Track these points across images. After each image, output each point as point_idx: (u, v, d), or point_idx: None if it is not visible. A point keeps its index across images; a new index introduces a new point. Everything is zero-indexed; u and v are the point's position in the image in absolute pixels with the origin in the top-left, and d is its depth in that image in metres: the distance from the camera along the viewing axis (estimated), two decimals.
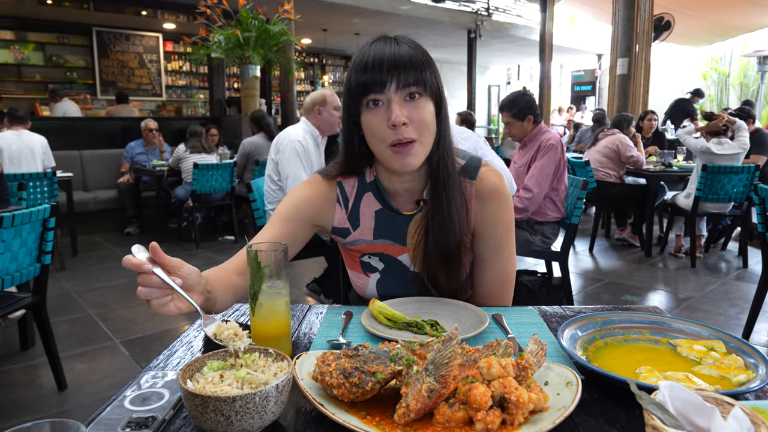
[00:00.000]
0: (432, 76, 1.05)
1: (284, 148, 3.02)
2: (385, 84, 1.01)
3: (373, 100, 1.04)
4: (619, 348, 0.92)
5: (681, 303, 3.71)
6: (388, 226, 1.20)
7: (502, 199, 1.18)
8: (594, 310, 1.09)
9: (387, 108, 1.03)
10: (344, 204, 1.22)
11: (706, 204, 4.45)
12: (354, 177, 1.22)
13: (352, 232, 1.22)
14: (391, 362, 0.73)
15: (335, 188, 1.22)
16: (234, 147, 6.34)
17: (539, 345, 0.79)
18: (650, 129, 6.03)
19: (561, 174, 3.15)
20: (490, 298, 1.22)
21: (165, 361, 0.91)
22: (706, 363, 0.85)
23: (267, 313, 0.89)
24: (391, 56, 1.02)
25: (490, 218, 1.18)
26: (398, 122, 1.01)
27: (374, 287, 1.25)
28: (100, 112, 9.29)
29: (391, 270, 1.23)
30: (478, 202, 1.18)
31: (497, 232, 1.19)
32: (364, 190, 1.21)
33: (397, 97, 1.02)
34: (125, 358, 2.88)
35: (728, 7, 9.71)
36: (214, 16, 6.22)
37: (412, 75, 1.02)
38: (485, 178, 1.18)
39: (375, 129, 1.05)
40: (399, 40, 1.06)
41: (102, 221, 6.06)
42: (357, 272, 1.28)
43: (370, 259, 1.24)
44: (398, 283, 1.23)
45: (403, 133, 1.02)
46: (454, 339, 0.71)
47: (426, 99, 1.05)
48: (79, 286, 4.09)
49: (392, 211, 1.19)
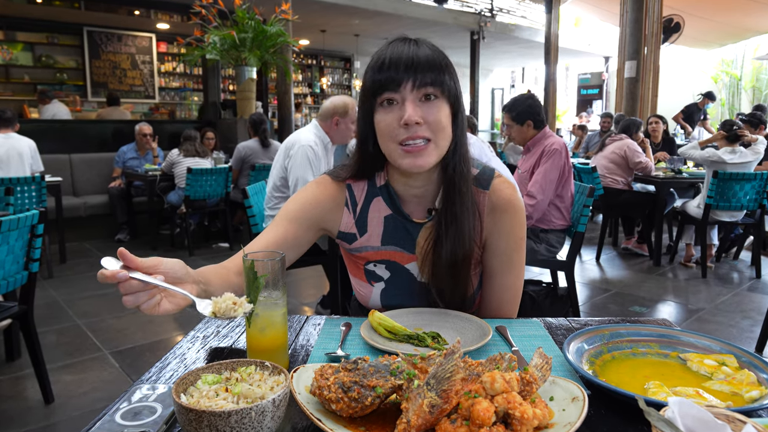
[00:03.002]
0: (450, 80, 1.06)
1: (295, 153, 2.98)
2: (401, 83, 1.03)
3: (387, 99, 1.05)
4: (627, 362, 0.92)
5: (691, 315, 3.71)
6: (397, 233, 1.20)
7: (515, 212, 1.18)
8: (601, 323, 1.09)
9: (401, 107, 1.04)
10: (352, 208, 1.22)
11: (718, 212, 4.46)
12: (364, 181, 1.22)
13: (359, 237, 1.22)
14: (392, 376, 0.73)
15: (344, 191, 1.22)
16: (229, 151, 6.35)
17: (544, 359, 0.79)
18: (654, 133, 6.04)
19: (566, 180, 3.16)
20: (496, 313, 1.23)
21: (157, 374, 0.91)
22: (717, 378, 0.85)
23: (263, 325, 0.89)
24: (409, 56, 1.03)
25: (502, 231, 1.18)
26: (411, 121, 1.02)
27: (378, 297, 1.24)
28: (90, 115, 9.30)
29: (397, 279, 1.22)
30: (491, 214, 1.18)
31: (509, 246, 1.19)
32: (373, 195, 1.21)
33: (413, 97, 1.03)
34: (115, 370, 2.87)
35: (740, 8, 9.76)
36: (209, 16, 6.26)
37: (429, 76, 1.03)
38: (499, 189, 1.19)
39: (386, 127, 1.06)
40: (419, 41, 1.07)
41: (92, 227, 6.06)
42: (361, 280, 1.27)
43: (375, 267, 1.23)
44: (404, 294, 1.22)
45: (416, 131, 1.03)
46: (456, 352, 0.72)
47: (442, 101, 1.06)
48: (67, 295, 4.09)
49: (403, 217, 1.19)
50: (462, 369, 0.72)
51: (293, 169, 3.00)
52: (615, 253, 5.51)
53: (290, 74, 7.48)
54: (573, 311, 2.99)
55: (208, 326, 1.13)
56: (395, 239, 1.20)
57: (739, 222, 4.59)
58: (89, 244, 5.82)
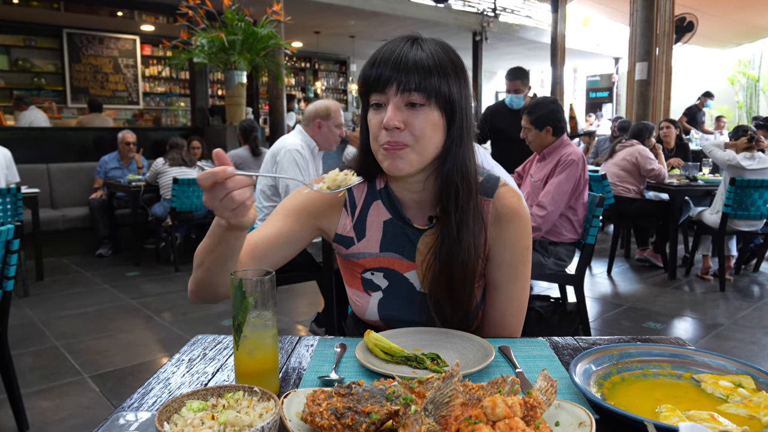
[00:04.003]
0: (445, 85, 1.07)
1: (282, 158, 3.04)
2: (386, 85, 1.06)
3: (376, 103, 1.09)
4: (638, 384, 0.93)
5: (709, 330, 3.71)
6: (397, 239, 1.21)
7: (521, 222, 1.20)
8: (610, 342, 1.10)
9: (385, 110, 1.07)
10: (351, 210, 1.25)
11: (736, 221, 4.47)
12: (364, 183, 1.25)
13: (356, 242, 1.24)
14: (387, 401, 0.74)
15: (344, 192, 1.24)
16: None
17: (549, 381, 0.79)
18: (666, 139, 6.05)
19: (580, 193, 3.16)
20: (500, 328, 1.23)
21: (140, 400, 0.91)
22: (733, 401, 0.85)
23: (252, 347, 0.89)
24: (398, 57, 1.05)
25: (507, 241, 1.19)
26: (389, 126, 1.05)
27: (375, 308, 1.25)
28: (70, 122, 9.34)
29: (396, 289, 1.23)
30: (496, 223, 1.19)
31: (514, 257, 1.20)
32: (373, 198, 1.24)
33: (396, 101, 1.06)
34: (95, 395, 2.86)
35: (756, 6, 9.83)
36: (196, 17, 6.29)
37: (414, 80, 1.04)
38: (504, 197, 1.20)
39: (372, 128, 1.11)
40: (422, 42, 1.09)
41: (71, 242, 6.05)
42: (357, 290, 1.28)
43: (373, 275, 1.24)
44: (402, 304, 1.23)
45: (394, 137, 1.06)
46: (455, 375, 0.72)
47: (429, 109, 1.07)
48: (44, 315, 4.08)
49: (403, 222, 1.21)
50: (461, 393, 0.72)
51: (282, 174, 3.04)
52: (627, 265, 5.52)
53: (282, 78, 7.51)
54: (583, 328, 2.99)
55: (194, 348, 1.13)
56: (394, 245, 1.21)
57: (759, 231, 4.60)
58: (68, 260, 5.82)
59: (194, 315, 4.04)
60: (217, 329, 3.75)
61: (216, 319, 3.96)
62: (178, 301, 4.38)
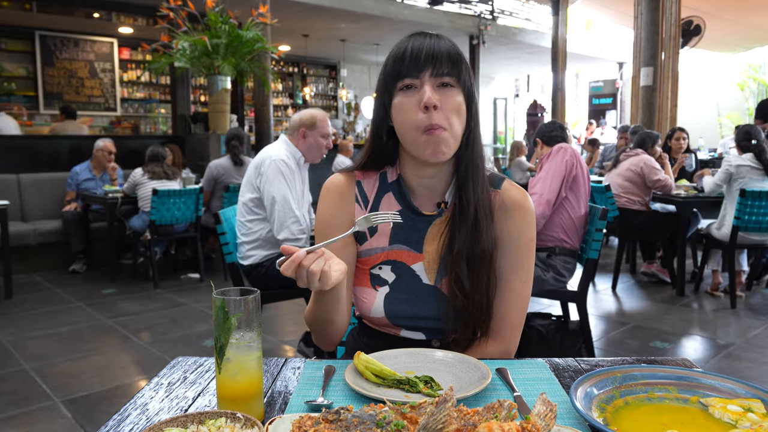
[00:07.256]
0: (466, 74, 1.23)
1: (266, 170, 3.05)
2: (421, 70, 1.19)
3: (407, 85, 1.21)
4: (642, 408, 0.93)
5: (720, 350, 3.73)
6: (406, 230, 1.31)
7: (526, 212, 1.32)
8: (613, 364, 1.10)
9: (420, 92, 1.19)
10: (364, 204, 1.35)
11: (747, 234, 4.50)
12: (374, 176, 1.35)
13: (369, 238, 1.33)
14: (378, 428, 0.74)
15: (353, 185, 1.35)
16: (200, 170, 6.35)
17: (548, 406, 0.80)
18: (679, 149, 6.07)
19: (574, 178, 3.28)
20: (503, 319, 1.29)
21: (115, 427, 0.91)
22: (743, 426, 0.86)
23: (235, 370, 0.90)
24: (430, 47, 1.20)
25: (513, 230, 1.30)
26: (430, 103, 1.17)
27: (381, 303, 1.31)
28: (42, 129, 9.31)
29: (402, 283, 1.31)
30: (502, 213, 1.31)
31: (518, 248, 1.30)
32: (385, 191, 1.34)
33: (431, 82, 1.19)
34: (67, 422, 2.83)
35: (767, 7, 9.94)
36: (177, 19, 6.32)
37: (447, 66, 1.20)
38: (510, 189, 1.33)
39: (406, 113, 1.20)
40: (440, 36, 1.25)
41: (43, 257, 6.02)
42: (364, 287, 1.34)
43: (381, 270, 1.32)
44: (408, 298, 1.30)
45: (432, 119, 1.17)
46: (449, 400, 0.73)
47: (458, 91, 1.22)
48: (12, 335, 4.04)
49: (413, 212, 1.31)
50: (456, 419, 0.73)
51: (267, 187, 3.05)
52: (633, 281, 5.54)
53: (269, 84, 7.53)
54: (586, 347, 3.01)
55: (174, 371, 1.13)
56: (404, 238, 1.31)
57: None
58: (39, 276, 5.78)
59: (174, 335, 4.02)
60: (198, 351, 3.74)
61: (197, 340, 3.94)
62: (156, 321, 4.36)
